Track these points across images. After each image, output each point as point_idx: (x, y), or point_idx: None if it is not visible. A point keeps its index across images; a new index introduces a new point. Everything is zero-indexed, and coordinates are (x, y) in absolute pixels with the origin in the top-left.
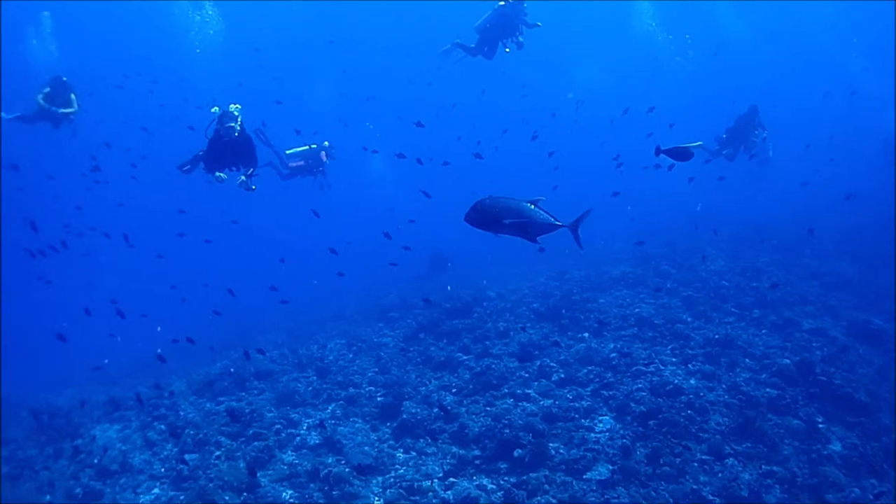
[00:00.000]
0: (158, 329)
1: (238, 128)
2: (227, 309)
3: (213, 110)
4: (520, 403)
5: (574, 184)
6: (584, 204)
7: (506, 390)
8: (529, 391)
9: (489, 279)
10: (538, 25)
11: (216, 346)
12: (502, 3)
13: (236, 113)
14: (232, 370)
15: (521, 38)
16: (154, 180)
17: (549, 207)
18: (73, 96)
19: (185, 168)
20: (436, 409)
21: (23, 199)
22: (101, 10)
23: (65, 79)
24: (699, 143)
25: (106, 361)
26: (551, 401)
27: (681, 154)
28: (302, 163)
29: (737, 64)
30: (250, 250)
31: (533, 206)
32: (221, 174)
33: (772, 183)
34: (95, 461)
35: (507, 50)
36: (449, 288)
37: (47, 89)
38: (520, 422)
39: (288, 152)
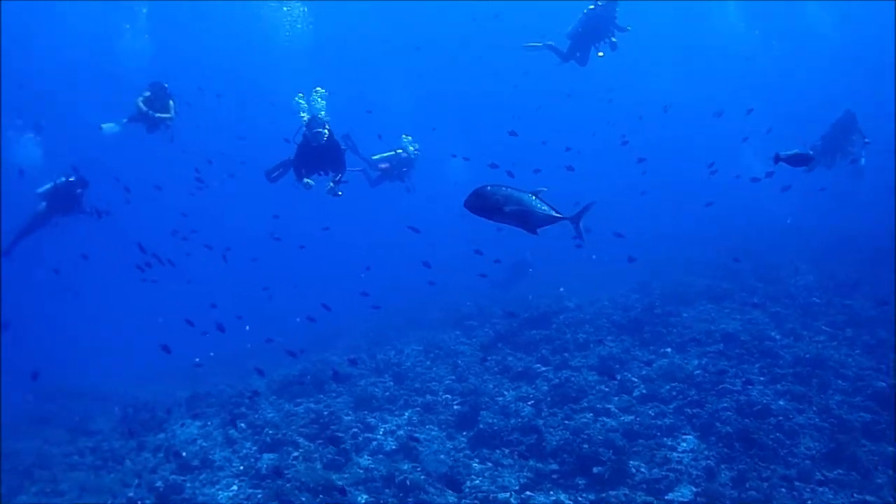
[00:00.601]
0: (247, 328)
1: (326, 133)
2: (313, 312)
3: (301, 115)
4: (599, 418)
5: (663, 190)
6: (675, 211)
7: (585, 404)
8: (610, 406)
9: (568, 289)
10: (628, 29)
11: (297, 348)
12: (592, 6)
13: (325, 118)
14: (309, 375)
15: (614, 39)
16: (250, 186)
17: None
18: (171, 103)
19: (274, 175)
20: (513, 420)
21: (132, 209)
22: (191, 10)
23: (166, 85)
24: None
25: (211, 354)
26: (632, 417)
27: (801, 160)
28: (387, 166)
29: (827, 66)
30: (340, 255)
31: (534, 197)
32: (309, 180)
33: (865, 192)
34: (181, 455)
35: (601, 54)
36: (530, 297)
37: (147, 93)
38: (599, 437)
39: (374, 157)
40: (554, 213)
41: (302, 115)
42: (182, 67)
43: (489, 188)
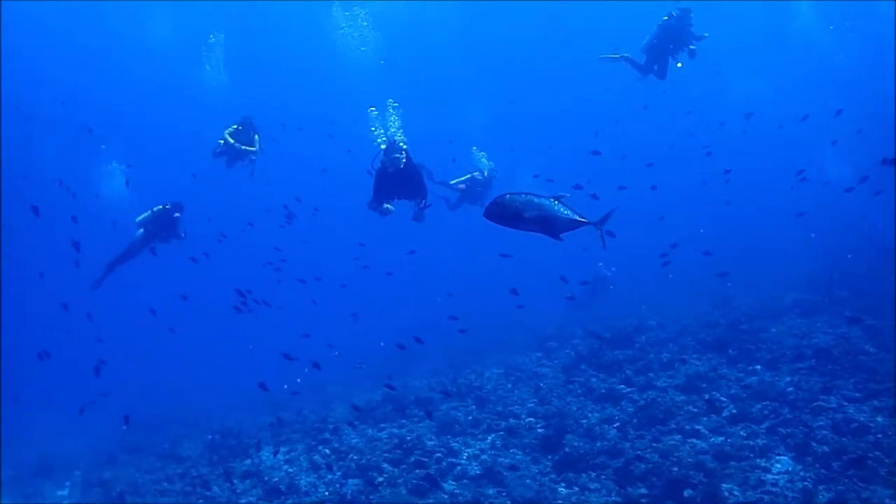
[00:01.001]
0: (337, 353)
1: (404, 159)
2: (398, 337)
3: (378, 143)
4: (688, 440)
5: (749, 200)
6: (759, 220)
7: (673, 425)
8: (699, 427)
9: (649, 306)
10: (705, 36)
11: (380, 373)
12: (666, 17)
13: (402, 144)
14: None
15: (693, 47)
16: (336, 217)
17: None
18: (256, 137)
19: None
20: (598, 443)
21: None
22: (267, 43)
23: (253, 119)
24: None
25: (298, 381)
26: (723, 438)
27: None
28: (464, 188)
29: None
30: (425, 279)
31: (556, 202)
32: (389, 206)
33: None
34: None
35: (680, 64)
36: (611, 316)
37: (235, 126)
38: (689, 459)
39: (452, 182)
40: (578, 218)
41: (379, 141)
42: (259, 100)
43: (508, 196)
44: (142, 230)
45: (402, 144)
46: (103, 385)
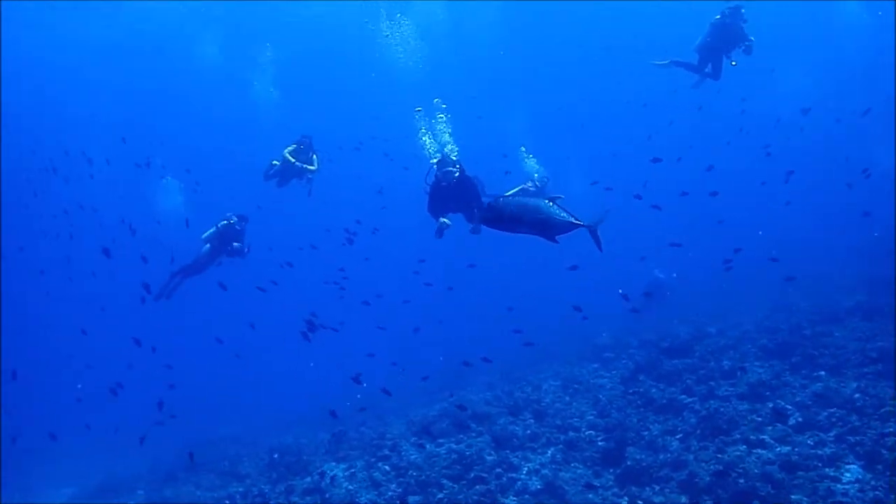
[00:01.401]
0: (403, 371)
1: (457, 172)
2: (457, 350)
3: (432, 162)
4: (754, 450)
5: (811, 199)
6: (819, 219)
7: (737, 435)
8: (764, 437)
9: (705, 313)
10: (751, 40)
11: (437, 386)
12: (718, 16)
13: (454, 156)
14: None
15: (748, 43)
16: (394, 235)
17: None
18: (314, 156)
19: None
20: (661, 456)
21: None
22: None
23: (312, 138)
24: None
25: (359, 396)
26: (789, 447)
27: None
28: None
29: None
30: (484, 291)
31: (551, 204)
32: (445, 220)
33: None
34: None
35: (734, 63)
36: (667, 324)
37: (294, 146)
38: (755, 470)
39: (507, 194)
40: (573, 220)
41: (430, 150)
42: (310, 118)
43: (502, 200)
44: (208, 245)
45: (454, 157)
46: (169, 409)
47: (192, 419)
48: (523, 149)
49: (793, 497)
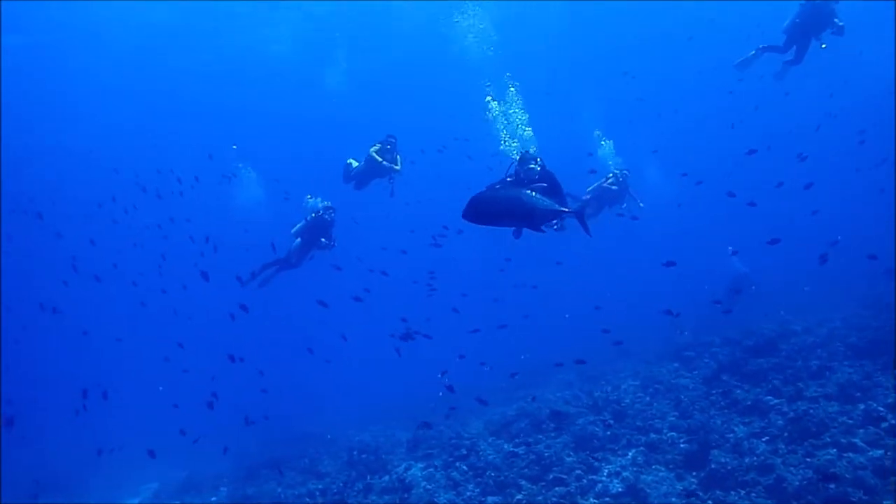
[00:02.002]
0: (488, 369)
1: (538, 168)
2: (537, 350)
3: (512, 155)
4: (845, 454)
5: None
6: None
7: (827, 438)
8: (855, 440)
9: (789, 309)
10: (842, 22)
11: (511, 385)
12: None
13: (534, 152)
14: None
15: (840, 24)
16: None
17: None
18: (398, 157)
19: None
20: (747, 459)
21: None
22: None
23: (396, 138)
24: None
25: (440, 395)
26: (882, 451)
27: None
28: (588, 197)
29: None
30: (569, 288)
31: (533, 194)
32: None
33: None
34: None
35: (824, 45)
36: (750, 321)
37: (379, 145)
38: (847, 475)
39: (588, 192)
40: (557, 208)
41: (506, 144)
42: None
43: (484, 194)
44: (298, 240)
45: (534, 153)
46: (259, 410)
47: (275, 417)
48: (598, 132)
49: (885, 503)
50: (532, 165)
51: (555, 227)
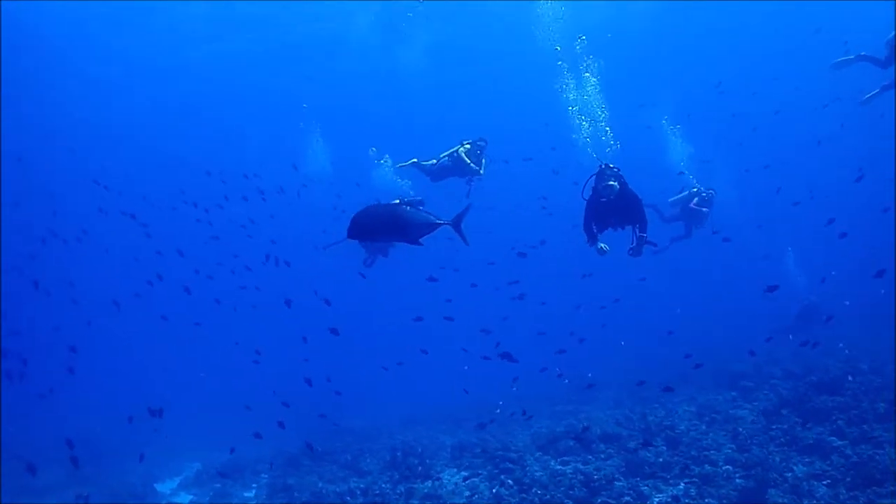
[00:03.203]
0: (566, 382)
1: (617, 186)
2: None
3: (601, 162)
4: None
5: None
6: None
7: (892, 488)
8: None
9: (853, 346)
10: None
11: (561, 398)
12: None
13: (615, 168)
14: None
15: None
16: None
17: None
18: (483, 160)
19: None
20: (805, 502)
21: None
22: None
23: (486, 143)
24: None
25: (500, 403)
26: None
27: None
28: (677, 210)
29: None
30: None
31: (409, 208)
32: (604, 245)
33: None
34: None
35: None
36: (812, 354)
37: (468, 145)
38: None
39: (670, 200)
40: (434, 220)
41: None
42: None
43: (366, 211)
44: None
45: (614, 168)
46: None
47: (322, 408)
48: (664, 120)
49: None
50: (611, 182)
51: (630, 251)
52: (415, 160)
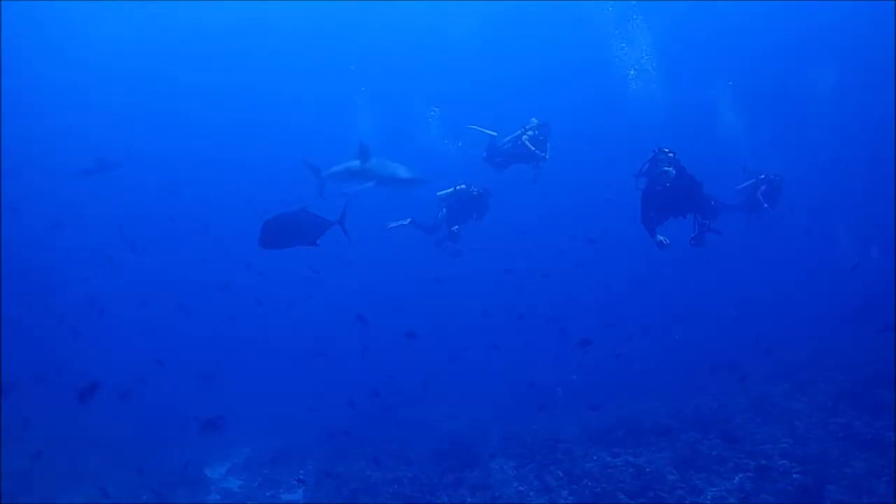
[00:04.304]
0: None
1: (673, 171)
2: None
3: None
4: None
5: None
6: None
7: None
8: None
9: None
10: None
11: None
12: None
13: (670, 154)
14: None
15: None
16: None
17: None
18: (548, 145)
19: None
20: (865, 498)
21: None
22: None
23: (550, 128)
24: None
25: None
26: None
27: None
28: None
29: None
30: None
31: (304, 212)
32: (663, 238)
33: None
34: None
35: None
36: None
37: (532, 132)
38: None
39: (738, 188)
40: (327, 221)
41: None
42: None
43: (271, 221)
44: (444, 210)
45: (670, 154)
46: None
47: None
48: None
49: None
50: (666, 168)
51: (692, 241)
52: (495, 133)
